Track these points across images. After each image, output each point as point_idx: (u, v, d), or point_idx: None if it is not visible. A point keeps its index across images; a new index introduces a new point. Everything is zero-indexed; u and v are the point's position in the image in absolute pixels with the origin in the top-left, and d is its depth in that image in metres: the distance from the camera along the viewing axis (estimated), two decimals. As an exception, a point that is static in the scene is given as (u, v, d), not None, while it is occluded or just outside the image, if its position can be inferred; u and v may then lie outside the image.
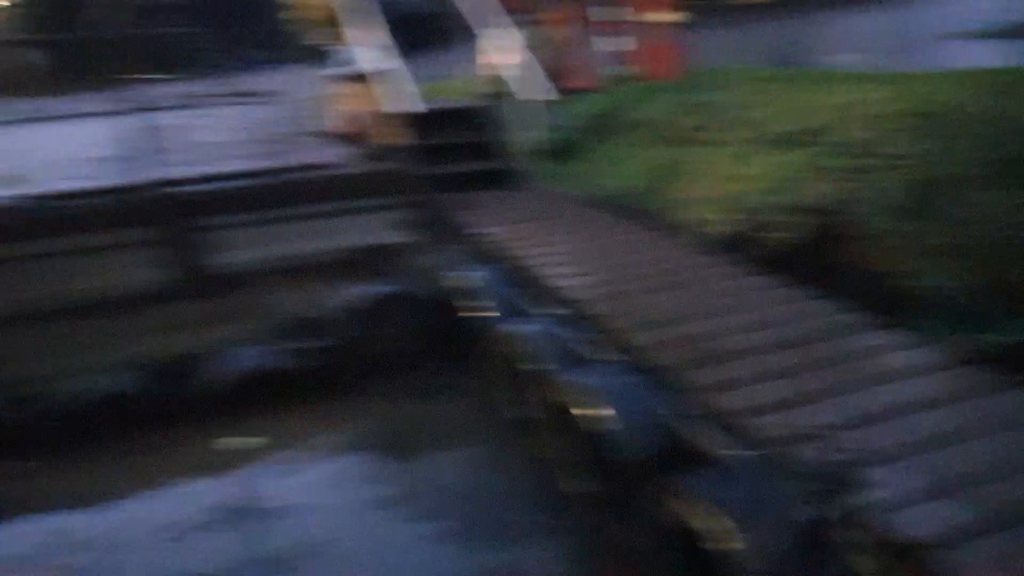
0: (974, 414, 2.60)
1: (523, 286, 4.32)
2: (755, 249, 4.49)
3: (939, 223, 3.69)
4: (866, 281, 3.95)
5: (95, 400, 4.08)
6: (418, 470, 3.68)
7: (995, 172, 3.74)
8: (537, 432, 3.67)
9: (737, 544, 2.26)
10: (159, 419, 3.99)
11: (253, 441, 3.77)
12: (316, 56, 7.77)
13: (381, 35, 6.35)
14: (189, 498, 3.56)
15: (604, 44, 8.63)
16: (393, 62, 5.91)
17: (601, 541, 3.16)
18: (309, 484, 3.62)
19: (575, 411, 3.17)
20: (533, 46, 8.43)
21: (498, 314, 4.08)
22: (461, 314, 4.32)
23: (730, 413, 2.74)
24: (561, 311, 3.90)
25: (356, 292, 4.41)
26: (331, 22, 7.27)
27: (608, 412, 2.97)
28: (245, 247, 4.83)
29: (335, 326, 4.35)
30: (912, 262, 3.66)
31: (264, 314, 4.48)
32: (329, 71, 7.08)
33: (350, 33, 6.89)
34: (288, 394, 4.14)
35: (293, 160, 5.47)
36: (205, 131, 6.93)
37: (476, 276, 4.43)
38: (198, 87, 9.91)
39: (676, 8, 7.78)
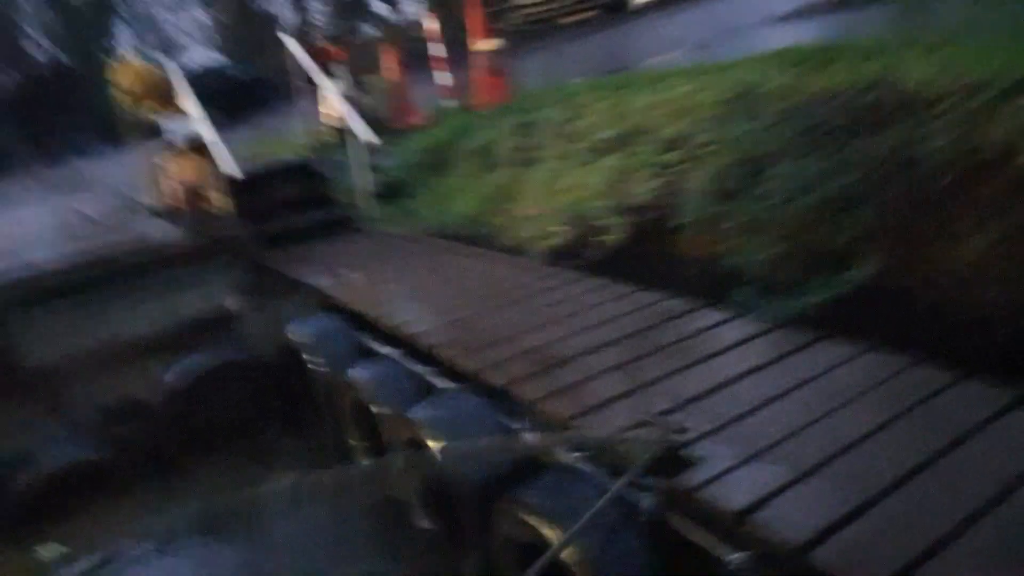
0: (783, 376, 2.68)
1: (363, 330, 4.18)
2: (587, 256, 4.55)
3: (745, 201, 3.84)
4: (689, 267, 4.06)
5: None
6: (259, 540, 3.44)
7: (791, 146, 3.94)
8: (391, 474, 3.51)
9: (570, 552, 2.20)
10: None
11: (59, 548, 3.39)
12: (141, 133, 7.47)
13: (198, 107, 6.19)
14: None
15: (436, 79, 8.75)
16: (211, 131, 5.74)
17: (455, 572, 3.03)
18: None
19: (421, 445, 3.05)
20: (365, 92, 8.46)
21: (340, 363, 3.92)
22: (302, 370, 4.13)
23: (561, 419, 2.70)
24: (402, 349, 3.79)
25: (184, 366, 4.13)
26: (153, 99, 7.03)
27: (445, 443, 2.87)
28: (59, 335, 4.47)
29: (164, 406, 4.04)
30: (725, 242, 3.79)
31: (85, 403, 4.13)
32: (152, 146, 6.82)
33: (171, 108, 6.70)
34: (112, 485, 3.79)
35: (111, 240, 5.15)
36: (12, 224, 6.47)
37: (314, 328, 4.26)
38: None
39: (495, 36, 7.98)
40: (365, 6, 26.67)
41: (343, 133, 6.49)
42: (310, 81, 6.97)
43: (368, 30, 24.25)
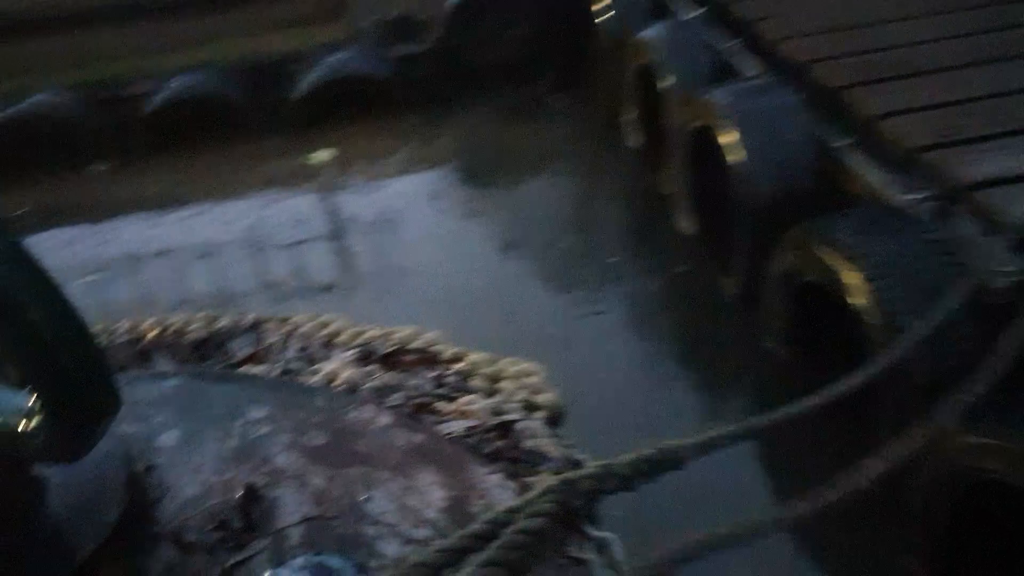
0: None
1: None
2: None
3: None
4: None
5: (176, 104, 3.79)
6: (512, 192, 3.38)
7: None
8: (663, 163, 3.12)
9: (863, 299, 1.76)
10: (245, 126, 3.78)
11: (329, 152, 3.52)
12: None
13: None
14: (271, 208, 3.37)
15: None
16: None
17: (694, 288, 2.77)
18: (394, 195, 3.40)
19: (711, 138, 2.58)
20: None
21: (628, 18, 3.37)
22: (587, 20, 3.63)
23: (907, 150, 2.10)
24: (703, 13, 3.18)
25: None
26: None
27: (740, 140, 2.38)
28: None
29: (436, 30, 3.85)
30: None
31: (358, 15, 4.01)
32: None
33: None
34: (380, 103, 3.80)
35: None
36: None
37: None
38: None
39: None
40: None
41: None
42: None
43: None
